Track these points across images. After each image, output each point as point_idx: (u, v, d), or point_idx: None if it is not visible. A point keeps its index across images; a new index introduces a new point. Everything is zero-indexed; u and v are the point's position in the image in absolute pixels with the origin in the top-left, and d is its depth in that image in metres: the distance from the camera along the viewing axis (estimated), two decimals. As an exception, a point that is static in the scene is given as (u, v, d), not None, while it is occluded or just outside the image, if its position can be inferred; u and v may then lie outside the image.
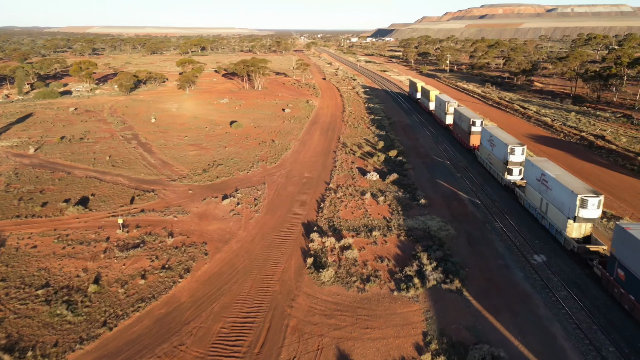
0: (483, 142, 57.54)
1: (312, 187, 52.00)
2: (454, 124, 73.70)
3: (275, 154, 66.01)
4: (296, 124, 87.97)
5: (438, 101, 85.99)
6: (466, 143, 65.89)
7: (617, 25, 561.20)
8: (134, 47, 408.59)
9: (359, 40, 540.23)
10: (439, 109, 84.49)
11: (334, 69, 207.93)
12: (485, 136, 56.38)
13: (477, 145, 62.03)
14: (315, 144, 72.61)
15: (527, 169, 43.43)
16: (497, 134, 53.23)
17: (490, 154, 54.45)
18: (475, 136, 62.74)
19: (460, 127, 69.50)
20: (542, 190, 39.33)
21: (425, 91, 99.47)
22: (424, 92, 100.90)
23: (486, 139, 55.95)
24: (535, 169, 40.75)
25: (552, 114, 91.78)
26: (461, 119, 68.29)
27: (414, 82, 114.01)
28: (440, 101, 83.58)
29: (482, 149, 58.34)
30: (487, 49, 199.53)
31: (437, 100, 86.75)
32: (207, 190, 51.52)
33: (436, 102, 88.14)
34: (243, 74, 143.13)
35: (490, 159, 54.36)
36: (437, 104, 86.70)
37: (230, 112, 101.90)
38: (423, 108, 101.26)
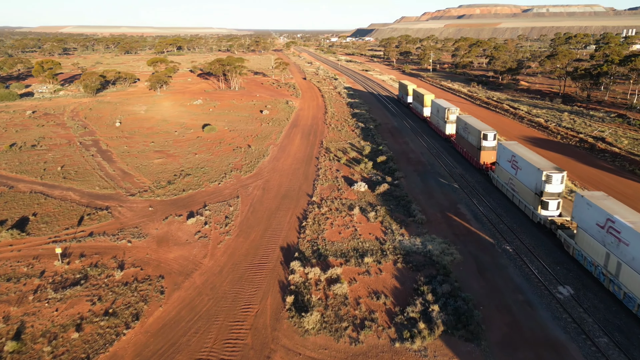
0: (502, 163, 45.90)
1: (292, 201, 45.54)
2: (458, 136, 62.02)
3: (251, 162, 59.31)
4: (275, 127, 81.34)
5: (435, 107, 74.59)
6: (475, 160, 54.83)
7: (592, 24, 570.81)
8: (107, 47, 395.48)
9: (339, 40, 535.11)
10: (437, 117, 73.33)
11: (314, 69, 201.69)
12: (505, 155, 45.04)
13: (490, 164, 51.63)
14: (295, 149, 66.15)
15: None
16: (522, 154, 41.92)
17: (512, 178, 43.27)
18: (488, 153, 52.00)
19: (466, 140, 57.91)
20: None
21: (418, 95, 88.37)
22: (416, 95, 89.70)
23: (506, 158, 44.79)
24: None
25: (544, 114, 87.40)
26: (467, 131, 57.01)
27: (404, 85, 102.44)
28: (438, 107, 72.24)
29: (500, 170, 46.51)
30: (470, 48, 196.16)
31: (435, 106, 74.96)
32: (171, 206, 44.54)
33: (433, 108, 76.49)
34: (219, 74, 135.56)
35: (514, 185, 42.84)
36: (435, 111, 75.10)
37: (203, 114, 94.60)
38: (415, 114, 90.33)
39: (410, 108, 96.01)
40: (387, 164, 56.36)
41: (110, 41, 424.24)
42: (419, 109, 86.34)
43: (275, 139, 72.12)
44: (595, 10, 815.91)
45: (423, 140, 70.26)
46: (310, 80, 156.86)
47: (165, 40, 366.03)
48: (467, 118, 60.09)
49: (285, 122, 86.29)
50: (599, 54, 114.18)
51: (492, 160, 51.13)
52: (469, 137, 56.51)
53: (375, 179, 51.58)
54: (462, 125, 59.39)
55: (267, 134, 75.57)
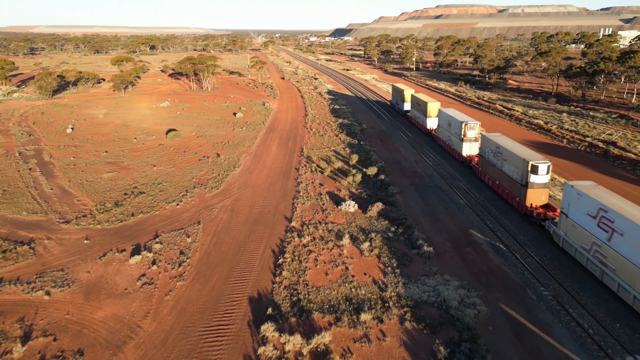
0: (575, 214, 29.99)
1: (266, 227, 36.95)
2: (483, 160, 46.12)
3: (220, 175, 50.42)
4: (249, 132, 72.47)
5: (445, 119, 58.56)
6: (517, 200, 38.58)
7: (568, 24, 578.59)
8: (77, 47, 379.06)
9: (318, 40, 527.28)
10: (447, 131, 57.61)
11: (293, 68, 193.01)
12: (585, 205, 28.86)
13: (541, 208, 36.91)
14: (272, 158, 57.51)
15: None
16: (612, 204, 27.09)
17: (597, 241, 27.95)
18: (538, 192, 37.14)
19: (498, 170, 42.21)
20: None
21: (418, 102, 71.46)
22: (416, 103, 73.05)
23: (584, 210, 28.95)
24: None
25: (541, 115, 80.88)
26: (499, 156, 41.98)
27: (399, 89, 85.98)
28: (450, 120, 56.07)
29: (568, 225, 30.75)
30: (453, 46, 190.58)
31: (444, 117, 58.83)
32: (113, 237, 35.43)
33: (442, 120, 60.18)
34: (189, 74, 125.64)
35: (603, 256, 27.24)
36: (444, 123, 59.13)
37: (169, 117, 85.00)
38: (416, 125, 74.32)
39: (408, 117, 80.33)
40: (378, 176, 48.24)
41: (80, 41, 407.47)
42: (421, 119, 70.48)
43: (249, 146, 63.32)
44: (568, 11, 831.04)
45: (415, 146, 62.45)
46: (289, 80, 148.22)
47: (138, 39, 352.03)
48: (499, 139, 43.72)
49: (261, 126, 77.49)
50: (592, 51, 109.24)
51: (544, 202, 37.38)
52: (504, 167, 41.16)
53: (367, 195, 43.40)
54: (491, 147, 43.74)
55: (240, 141, 66.68)
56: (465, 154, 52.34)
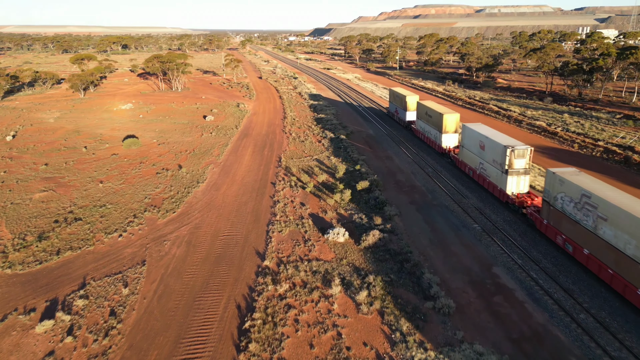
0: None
1: (231, 268, 28.40)
2: (549, 208, 30.27)
3: (179, 193, 41.59)
4: (219, 138, 63.60)
5: (473, 139, 41.95)
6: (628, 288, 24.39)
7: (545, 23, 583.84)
8: (46, 46, 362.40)
9: (297, 39, 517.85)
10: (480, 156, 40.91)
11: (271, 67, 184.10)
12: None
13: None
14: (244, 170, 48.86)
15: None
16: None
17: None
18: None
19: (580, 227, 27.11)
20: None
21: (428, 112, 54.95)
22: (425, 113, 56.45)
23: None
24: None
25: (541, 116, 74.25)
26: (583, 208, 26.72)
27: (399, 95, 70.55)
28: (484, 141, 39.75)
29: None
30: (437, 44, 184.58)
31: (472, 137, 42.12)
32: (24, 288, 26.37)
33: (467, 139, 43.34)
34: (157, 73, 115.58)
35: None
36: (472, 145, 42.24)
37: (130, 122, 75.38)
38: (424, 141, 58.61)
39: (413, 131, 64.75)
40: (371, 193, 40.13)
41: (49, 40, 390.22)
42: (433, 135, 54.36)
43: (218, 155, 54.49)
44: (544, 11, 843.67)
45: (410, 153, 54.61)
46: (267, 79, 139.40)
47: (109, 38, 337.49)
48: (572, 177, 28.55)
49: (233, 130, 68.63)
50: (585, 47, 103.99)
51: None
52: (575, 212, 27.41)
53: (358, 219, 35.21)
54: (556, 184, 29.27)
55: (208, 148, 57.78)
56: (511, 192, 36.39)
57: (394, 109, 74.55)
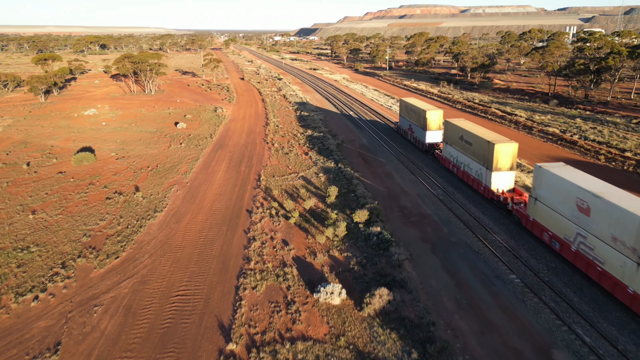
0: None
1: (181, 357, 19.90)
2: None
3: (129, 227, 32.88)
4: (190, 150, 54.86)
5: (560, 189, 26.97)
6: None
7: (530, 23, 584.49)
8: (21, 46, 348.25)
9: (282, 39, 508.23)
10: (577, 222, 25.51)
11: (255, 67, 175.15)
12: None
13: None
14: (215, 192, 40.26)
15: None
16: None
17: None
18: None
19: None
20: None
21: (467, 137, 39.71)
22: (459, 136, 41.29)
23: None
24: None
25: (551, 121, 66.99)
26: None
27: (415, 109, 54.13)
28: (584, 197, 24.73)
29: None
30: (428, 43, 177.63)
31: (557, 185, 27.25)
32: None
33: (548, 188, 28.13)
34: (128, 74, 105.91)
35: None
36: (559, 198, 27.10)
37: (91, 130, 66.14)
38: (458, 175, 42.28)
39: (439, 159, 47.56)
40: (371, 225, 31.91)
41: (25, 40, 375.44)
42: (475, 170, 38.27)
43: (186, 173, 45.76)
44: (527, 11, 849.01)
45: (412, 169, 46.53)
46: (249, 80, 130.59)
47: (85, 37, 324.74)
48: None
49: (207, 140, 59.89)
50: (589, 46, 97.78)
51: None
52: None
53: (358, 265, 26.97)
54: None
55: (175, 163, 49.01)
56: None
57: (407, 126, 57.93)
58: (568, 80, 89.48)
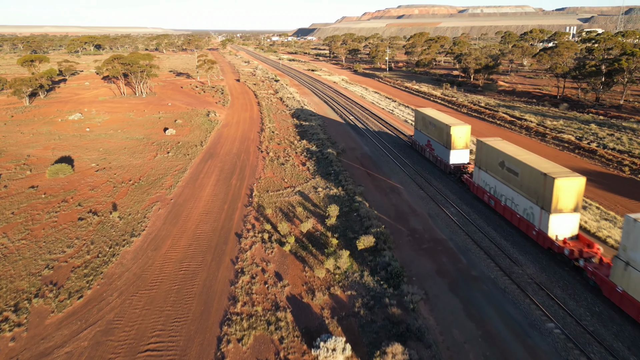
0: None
1: None
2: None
3: (100, 255, 28.61)
4: (177, 160, 50.59)
5: None
6: None
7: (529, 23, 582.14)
8: (15, 47, 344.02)
9: (280, 39, 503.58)
10: None
11: (251, 68, 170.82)
12: None
13: None
14: (201, 211, 36.01)
15: None
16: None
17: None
18: None
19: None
20: None
21: (510, 164, 31.86)
22: (499, 161, 33.46)
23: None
24: None
25: (564, 127, 62.96)
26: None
27: (435, 122, 46.12)
28: None
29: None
30: (429, 43, 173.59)
31: None
32: None
33: None
34: (118, 76, 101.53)
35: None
36: None
37: (73, 137, 61.84)
38: (503, 214, 33.33)
39: (470, 186, 38.91)
40: (378, 254, 27.73)
41: (19, 40, 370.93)
42: (524, 209, 30.45)
43: (171, 187, 41.50)
44: (525, 11, 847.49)
45: (420, 182, 42.30)
46: (245, 82, 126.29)
47: (80, 38, 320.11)
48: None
49: (197, 148, 55.64)
50: (598, 47, 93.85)
51: None
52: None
53: (364, 308, 22.75)
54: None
55: (160, 176, 44.74)
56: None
57: (425, 141, 49.54)
58: (578, 82, 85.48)
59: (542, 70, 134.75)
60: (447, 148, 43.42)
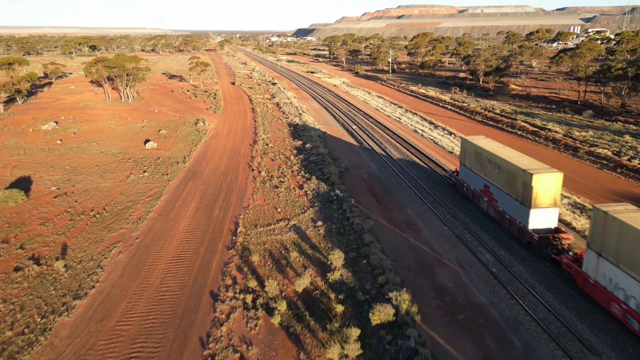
0: None
1: None
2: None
3: (25, 330, 21.35)
4: (154, 181, 43.34)
5: None
6: None
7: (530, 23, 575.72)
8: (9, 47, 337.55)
9: (279, 40, 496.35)
10: None
11: (248, 70, 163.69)
12: None
13: None
14: (169, 257, 28.74)
15: None
16: None
17: None
18: None
19: None
20: None
21: None
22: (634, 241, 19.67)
23: None
24: None
25: (595, 138, 55.75)
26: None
27: (504, 164, 30.86)
28: None
29: None
30: (432, 44, 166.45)
31: None
32: None
33: None
34: (101, 80, 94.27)
35: None
36: None
37: (40, 151, 54.62)
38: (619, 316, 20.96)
39: (571, 272, 24.70)
40: (399, 335, 20.47)
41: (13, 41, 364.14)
42: None
43: (140, 219, 34.26)
44: (526, 11, 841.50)
45: (442, 213, 35.01)
46: (241, 85, 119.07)
47: (74, 39, 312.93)
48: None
49: (178, 166, 48.37)
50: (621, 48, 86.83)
51: None
52: None
53: None
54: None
55: (130, 203, 37.49)
56: None
57: (480, 186, 34.75)
58: (600, 86, 78.31)
59: (553, 72, 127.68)
60: (525, 205, 28.64)
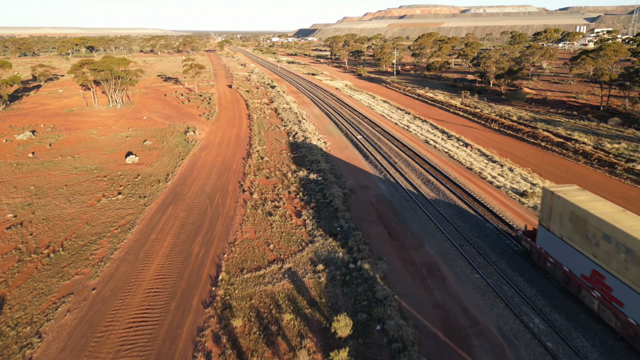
0: None
1: None
2: None
3: None
4: (129, 205, 37.27)
5: None
6: None
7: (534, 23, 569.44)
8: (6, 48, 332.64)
9: (280, 40, 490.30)
10: None
11: (247, 72, 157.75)
12: None
13: None
14: (129, 319, 22.67)
15: None
16: None
17: None
18: None
19: None
20: None
21: None
22: None
23: None
24: None
25: (630, 151, 49.60)
26: None
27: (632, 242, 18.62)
28: None
29: None
30: (438, 45, 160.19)
31: None
32: None
33: None
34: (86, 84, 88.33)
35: None
36: None
37: (8, 166, 48.65)
38: None
39: None
40: None
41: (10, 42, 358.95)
42: None
43: (102, 260, 28.18)
44: (528, 11, 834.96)
45: (471, 253, 28.90)
46: (238, 88, 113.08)
47: (70, 39, 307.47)
48: None
49: (159, 186, 42.30)
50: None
51: None
52: None
53: None
54: None
55: (95, 236, 31.41)
56: None
57: (584, 270, 22.19)
58: (625, 91, 72.13)
59: (566, 75, 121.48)
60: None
